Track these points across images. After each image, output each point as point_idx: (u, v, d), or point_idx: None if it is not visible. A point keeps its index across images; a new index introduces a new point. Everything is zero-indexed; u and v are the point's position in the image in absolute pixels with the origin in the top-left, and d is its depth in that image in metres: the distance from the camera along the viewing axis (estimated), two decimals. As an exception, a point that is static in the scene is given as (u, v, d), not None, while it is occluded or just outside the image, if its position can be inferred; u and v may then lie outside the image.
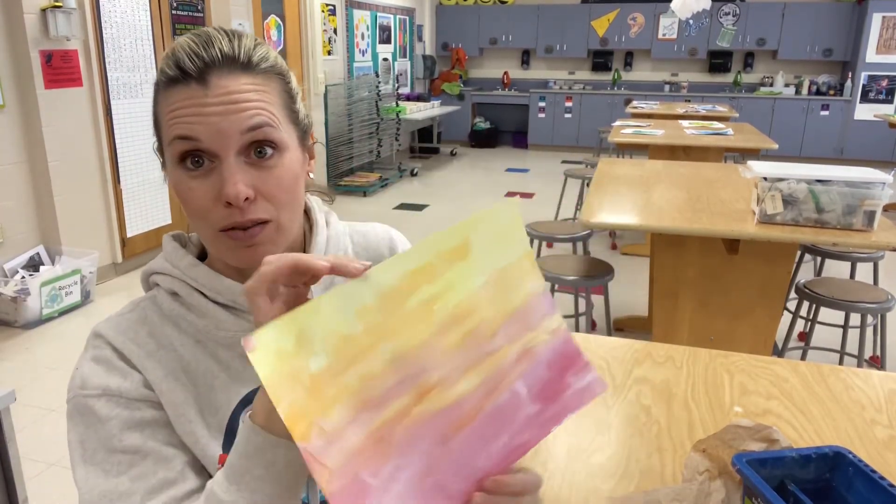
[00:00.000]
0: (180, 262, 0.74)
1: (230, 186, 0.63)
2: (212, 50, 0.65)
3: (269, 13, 5.88)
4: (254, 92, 0.66)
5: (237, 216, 0.65)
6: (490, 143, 10.02)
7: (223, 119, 0.64)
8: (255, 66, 0.67)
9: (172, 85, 0.65)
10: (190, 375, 0.72)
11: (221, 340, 0.73)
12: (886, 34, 8.04)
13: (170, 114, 0.65)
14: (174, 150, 0.66)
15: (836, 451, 0.77)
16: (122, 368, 0.70)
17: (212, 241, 0.69)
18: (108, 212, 4.14)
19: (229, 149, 0.64)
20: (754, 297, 2.51)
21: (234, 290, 0.72)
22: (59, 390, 2.83)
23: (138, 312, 0.75)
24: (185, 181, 0.66)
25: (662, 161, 3.61)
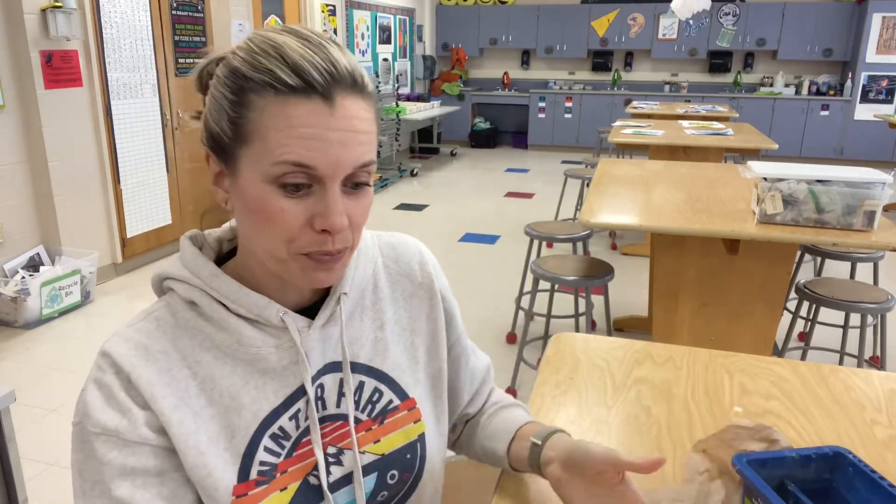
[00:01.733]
0: (202, 270, 0.69)
1: (336, 216, 0.61)
2: (339, 66, 0.60)
3: (269, 13, 5.88)
4: (367, 121, 0.62)
5: (329, 245, 0.62)
6: (490, 143, 10.02)
7: (343, 149, 0.60)
8: (367, 90, 0.63)
9: (288, 95, 0.58)
10: (206, 395, 0.67)
11: (242, 356, 0.69)
12: (886, 34, 8.04)
13: (285, 131, 0.58)
14: (278, 171, 0.59)
15: (836, 451, 0.77)
16: (122, 402, 0.64)
17: (284, 261, 0.64)
18: (108, 212, 4.14)
19: (337, 178, 0.61)
20: (754, 297, 2.51)
21: (259, 304, 0.68)
22: (59, 390, 2.83)
23: (151, 322, 0.69)
24: (275, 200, 0.60)
25: (662, 161, 3.61)
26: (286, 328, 0.69)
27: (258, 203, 0.61)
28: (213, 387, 0.68)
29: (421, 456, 0.79)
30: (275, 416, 0.69)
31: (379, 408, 0.76)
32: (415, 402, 0.79)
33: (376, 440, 0.75)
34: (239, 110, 0.60)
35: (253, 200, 0.62)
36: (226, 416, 0.67)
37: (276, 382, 0.70)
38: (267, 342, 0.69)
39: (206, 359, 0.68)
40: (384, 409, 0.76)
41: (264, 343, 0.69)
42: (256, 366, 0.69)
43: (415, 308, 0.81)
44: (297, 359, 0.70)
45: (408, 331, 0.80)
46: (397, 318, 0.79)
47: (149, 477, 0.64)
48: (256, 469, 0.68)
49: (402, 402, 0.78)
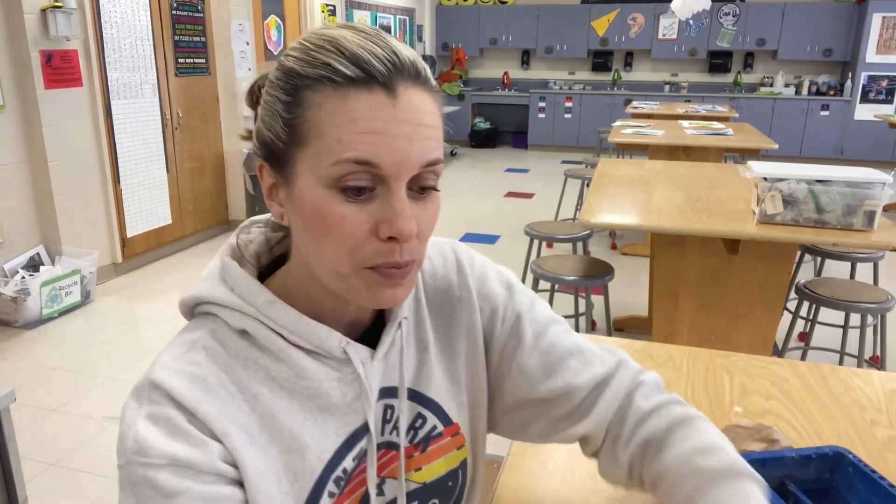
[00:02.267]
0: (255, 298, 0.61)
1: (405, 221, 0.54)
2: (401, 55, 0.55)
3: (269, 13, 5.88)
4: (433, 115, 0.57)
5: (397, 255, 0.56)
6: (490, 143, 10.02)
7: (410, 145, 0.54)
8: (429, 81, 0.58)
9: (348, 88, 0.53)
10: (269, 433, 0.61)
11: (301, 390, 0.62)
12: (886, 34, 8.04)
13: (346, 125, 0.53)
14: (339, 171, 0.54)
15: (836, 451, 0.77)
16: (190, 433, 0.56)
17: (346, 276, 0.57)
18: (108, 212, 4.14)
19: (403, 178, 0.55)
20: (754, 297, 2.51)
21: (320, 335, 0.61)
22: (59, 390, 2.83)
23: (199, 352, 0.61)
24: (336, 206, 0.54)
25: (662, 161, 3.61)
26: (348, 359, 0.64)
27: (317, 211, 0.55)
28: (274, 424, 0.61)
29: (462, 483, 0.75)
30: (338, 457, 0.64)
31: (422, 434, 0.71)
32: (458, 427, 0.74)
33: (418, 468, 0.71)
34: (294, 110, 0.55)
35: (311, 208, 0.56)
36: (287, 456, 0.61)
37: (336, 419, 0.64)
38: (329, 375, 0.63)
39: (262, 392, 0.61)
40: (427, 436, 0.71)
41: (326, 376, 0.63)
42: (316, 402, 0.63)
43: (454, 327, 0.74)
44: (360, 393, 0.65)
45: (448, 351, 0.74)
46: (438, 337, 0.74)
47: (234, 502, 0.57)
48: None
49: (445, 428, 0.73)
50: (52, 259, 3.80)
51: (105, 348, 3.25)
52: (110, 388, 2.86)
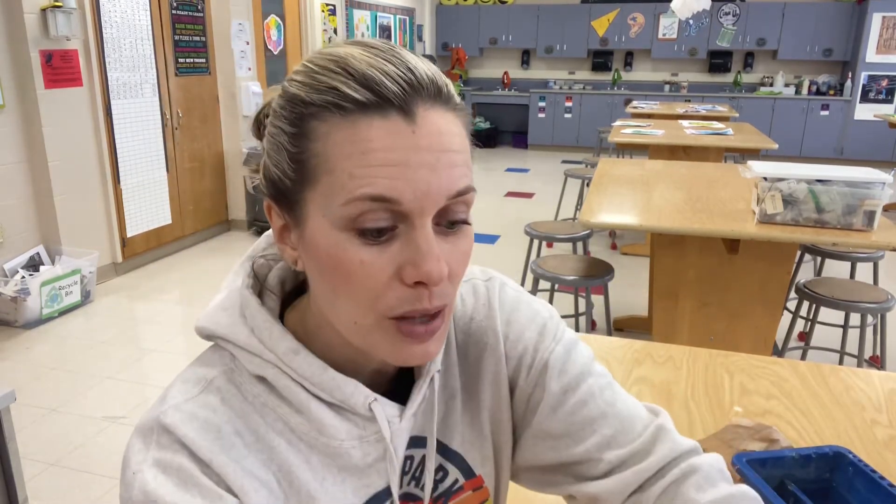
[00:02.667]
0: (277, 345, 0.55)
1: (433, 263, 0.47)
2: (417, 72, 0.48)
3: (269, 13, 5.88)
4: (459, 137, 0.49)
5: (425, 302, 0.49)
6: (490, 143, 10.02)
7: (433, 175, 0.47)
8: (452, 99, 0.50)
9: (358, 114, 0.46)
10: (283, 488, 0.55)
11: (321, 447, 0.56)
12: (886, 34, 8.04)
13: (359, 157, 0.46)
14: (355, 210, 0.47)
15: (836, 451, 0.77)
16: (204, 486, 0.50)
17: (366, 329, 0.51)
18: (108, 212, 4.14)
19: (428, 213, 0.48)
20: (754, 297, 2.51)
21: (345, 390, 0.55)
22: (59, 390, 2.83)
23: (213, 395, 0.55)
24: (353, 250, 0.48)
25: (662, 161, 3.61)
26: (373, 417, 0.57)
27: (331, 258, 0.49)
28: (291, 480, 0.55)
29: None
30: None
31: (442, 488, 0.65)
32: (482, 480, 0.67)
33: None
34: (300, 143, 0.49)
35: (326, 255, 0.49)
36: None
37: (355, 480, 0.58)
38: (351, 433, 0.57)
39: (279, 445, 0.55)
40: (448, 490, 0.65)
41: (348, 435, 0.57)
42: (336, 460, 0.57)
43: (481, 375, 0.66)
44: (385, 455, 0.58)
45: (474, 400, 0.66)
46: (464, 384, 0.66)
47: None
48: None
49: (467, 481, 0.66)
50: (52, 259, 3.80)
51: (105, 348, 3.25)
52: (110, 388, 2.86)
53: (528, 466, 0.68)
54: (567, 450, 0.63)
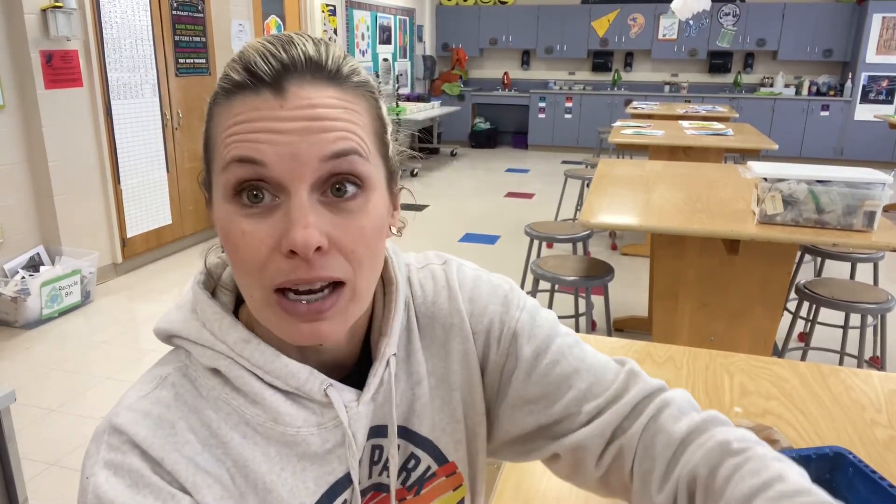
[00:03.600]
0: (227, 335, 0.56)
1: (299, 230, 0.48)
2: (292, 50, 0.50)
3: (269, 13, 5.88)
4: (342, 109, 0.51)
5: (301, 272, 0.49)
6: (490, 143, 10.02)
7: (301, 140, 0.48)
8: (346, 79, 0.52)
9: (236, 93, 0.50)
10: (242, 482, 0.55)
11: (278, 436, 0.56)
12: (886, 34, 8.04)
13: (230, 129, 0.50)
14: (229, 176, 0.49)
15: (836, 452, 0.77)
16: (156, 486, 0.51)
17: (261, 306, 0.52)
18: (108, 212, 4.14)
19: (303, 180, 0.49)
20: (754, 297, 2.51)
21: (299, 376, 0.55)
22: (59, 390, 2.83)
23: (167, 390, 0.56)
24: (236, 221, 0.50)
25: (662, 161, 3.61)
26: (330, 403, 0.57)
27: (223, 230, 0.51)
28: (247, 474, 0.55)
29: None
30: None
31: (415, 476, 0.65)
32: (455, 466, 0.67)
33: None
34: (206, 129, 0.53)
35: (220, 228, 0.52)
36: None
37: (316, 468, 0.58)
38: (309, 421, 0.57)
39: (234, 439, 0.55)
40: (421, 478, 0.66)
41: (306, 422, 0.57)
42: (294, 449, 0.57)
43: (449, 357, 0.67)
44: (344, 441, 0.58)
45: (444, 385, 0.66)
46: (432, 370, 0.66)
47: None
48: None
49: (440, 468, 0.67)
50: (52, 259, 3.80)
51: (105, 348, 3.25)
52: (110, 388, 2.86)
53: (508, 440, 0.68)
54: (546, 411, 0.64)
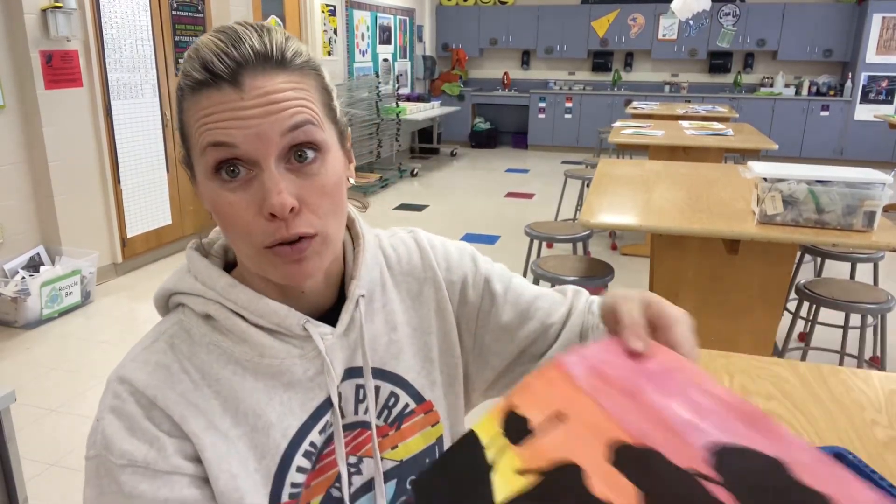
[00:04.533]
0: (216, 282, 0.65)
1: (274, 196, 0.57)
2: (242, 48, 0.58)
3: (269, 13, 5.88)
4: (292, 90, 0.60)
5: (283, 231, 0.59)
6: (490, 143, 10.02)
7: (262, 121, 0.57)
8: (290, 62, 0.61)
9: (200, 89, 0.59)
10: (232, 415, 0.64)
11: (264, 369, 0.65)
12: (886, 34, 8.04)
13: (201, 120, 0.58)
14: (208, 159, 0.59)
15: (836, 452, 0.77)
16: (148, 431, 0.60)
17: (254, 259, 0.62)
18: (108, 212, 4.14)
19: (270, 154, 0.58)
20: (754, 297, 2.51)
21: (279, 313, 0.65)
22: (59, 390, 2.83)
23: (164, 342, 0.66)
24: (221, 195, 0.59)
25: (662, 161, 3.61)
26: (309, 337, 0.67)
27: (211, 203, 0.61)
28: (238, 405, 0.64)
29: None
30: (304, 432, 0.66)
31: (395, 412, 0.74)
32: (432, 404, 0.76)
33: (394, 446, 0.73)
34: (180, 119, 0.62)
35: (208, 202, 0.62)
36: (253, 436, 0.64)
37: (301, 395, 0.67)
38: (291, 353, 0.66)
39: (225, 375, 0.64)
40: (401, 414, 0.74)
41: (288, 354, 0.66)
42: (280, 379, 0.66)
43: (424, 306, 0.78)
44: (323, 368, 0.67)
45: (419, 331, 0.77)
46: (408, 318, 0.77)
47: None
48: (288, 491, 0.65)
49: (418, 406, 0.75)
50: (52, 259, 3.80)
51: (105, 348, 3.25)
52: (110, 389, 2.86)
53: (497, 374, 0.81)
54: (523, 330, 0.79)
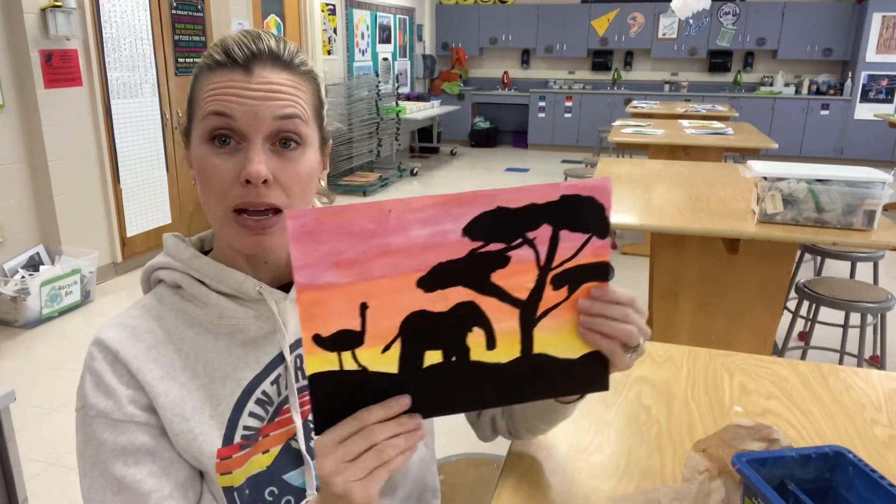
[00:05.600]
0: (182, 254, 0.77)
1: (253, 165, 0.67)
2: (260, 44, 0.70)
3: (269, 13, 5.88)
4: (291, 88, 0.71)
5: (252, 196, 0.68)
6: (490, 142, 10.02)
7: (260, 104, 0.68)
8: (296, 67, 0.72)
9: (217, 68, 0.69)
10: (192, 369, 0.73)
11: (223, 329, 0.75)
12: (886, 34, 8.04)
13: (209, 91, 0.69)
14: (206, 125, 0.69)
15: (836, 451, 0.77)
16: (108, 384, 0.70)
17: (222, 222, 0.71)
18: (108, 211, 4.14)
19: (259, 132, 0.68)
20: (754, 296, 2.51)
21: (237, 279, 0.75)
22: (59, 390, 2.83)
23: (138, 309, 0.77)
24: (209, 157, 0.69)
25: (662, 161, 3.60)
26: (264, 300, 0.75)
27: (198, 163, 0.70)
28: (198, 360, 0.73)
29: None
30: (257, 382, 0.74)
31: None
32: None
33: None
34: (191, 92, 0.73)
35: (196, 162, 0.71)
36: (210, 386, 0.73)
37: (257, 351, 0.75)
38: (247, 314, 0.75)
39: (189, 335, 0.74)
40: None
41: (244, 315, 0.75)
42: (237, 337, 0.75)
43: None
44: (276, 328, 0.76)
45: None
46: None
47: (139, 455, 0.70)
48: (240, 434, 0.73)
49: None
50: (52, 259, 3.80)
51: (105, 348, 3.25)
52: (110, 388, 2.86)
53: None
54: None
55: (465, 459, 1.35)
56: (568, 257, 0.59)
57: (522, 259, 0.58)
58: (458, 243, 0.57)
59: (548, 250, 0.58)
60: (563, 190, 0.57)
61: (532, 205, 0.57)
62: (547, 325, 0.60)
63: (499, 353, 0.60)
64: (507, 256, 0.58)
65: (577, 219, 0.58)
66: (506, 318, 0.59)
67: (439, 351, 0.58)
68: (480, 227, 0.57)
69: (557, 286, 0.60)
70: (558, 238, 0.58)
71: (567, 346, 0.62)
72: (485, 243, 0.57)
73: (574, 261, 0.59)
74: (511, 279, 0.58)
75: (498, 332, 0.59)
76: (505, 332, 0.59)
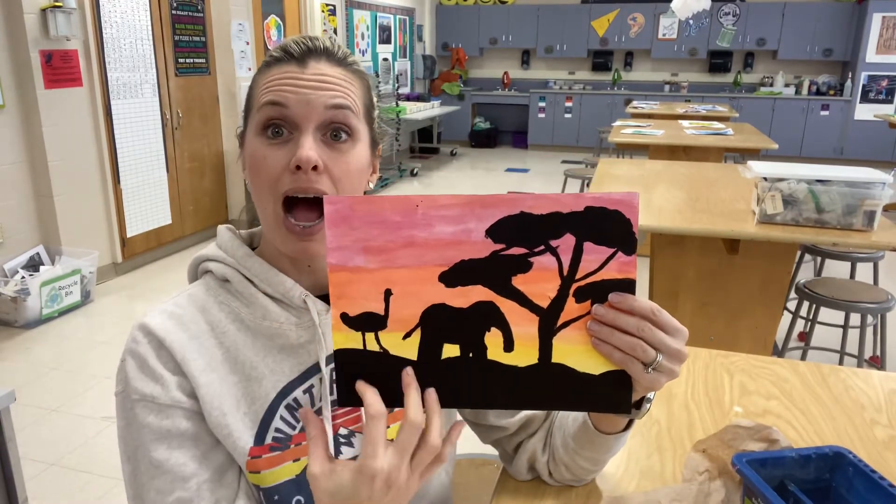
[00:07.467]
0: (237, 251, 0.78)
1: (303, 151, 0.68)
2: (315, 42, 0.74)
3: (269, 13, 5.88)
4: (343, 81, 0.73)
5: (303, 181, 0.69)
6: (490, 143, 10.02)
7: (313, 93, 0.70)
8: (349, 64, 0.75)
9: (274, 64, 0.73)
10: (231, 363, 0.74)
11: (265, 330, 0.75)
12: (886, 34, 8.04)
13: (265, 85, 0.72)
14: (261, 115, 0.71)
15: (836, 451, 0.77)
16: (155, 369, 0.71)
17: (272, 224, 0.72)
18: (108, 212, 4.14)
19: (311, 121, 0.70)
20: (754, 297, 2.51)
21: (285, 285, 0.75)
22: (59, 390, 2.83)
23: (184, 298, 0.77)
24: (261, 149, 0.71)
25: (662, 161, 3.60)
26: (307, 309, 0.76)
27: (251, 156, 0.72)
28: (237, 356, 0.74)
29: None
30: (290, 388, 0.75)
31: None
32: None
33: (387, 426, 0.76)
34: (250, 91, 0.76)
35: (248, 155, 0.73)
36: (247, 384, 0.74)
37: (292, 358, 0.76)
38: (289, 319, 0.76)
39: (231, 329, 0.75)
40: None
41: (287, 320, 0.75)
42: (276, 341, 0.75)
43: None
44: (315, 338, 0.76)
45: None
46: None
47: (183, 439, 0.71)
48: (272, 435, 0.74)
49: None
50: (52, 259, 3.80)
51: (105, 348, 3.25)
52: (110, 388, 2.85)
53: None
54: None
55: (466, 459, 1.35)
56: (592, 270, 0.59)
57: (545, 266, 0.59)
58: (481, 243, 0.58)
59: (571, 260, 0.59)
60: (589, 201, 0.57)
61: (556, 213, 0.57)
62: (567, 336, 0.60)
63: (516, 356, 0.60)
64: (530, 262, 0.59)
65: (602, 232, 0.58)
66: (525, 323, 0.60)
67: (457, 345, 0.60)
68: (503, 229, 0.58)
69: (580, 299, 0.60)
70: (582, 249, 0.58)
71: (588, 360, 0.61)
72: (507, 246, 0.58)
73: (598, 274, 0.59)
74: (533, 285, 0.59)
75: (516, 336, 0.60)
76: (523, 336, 0.60)
